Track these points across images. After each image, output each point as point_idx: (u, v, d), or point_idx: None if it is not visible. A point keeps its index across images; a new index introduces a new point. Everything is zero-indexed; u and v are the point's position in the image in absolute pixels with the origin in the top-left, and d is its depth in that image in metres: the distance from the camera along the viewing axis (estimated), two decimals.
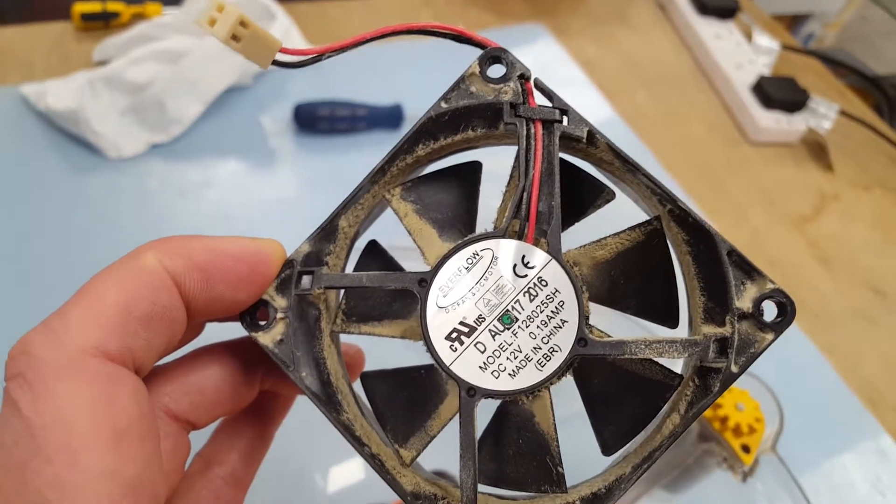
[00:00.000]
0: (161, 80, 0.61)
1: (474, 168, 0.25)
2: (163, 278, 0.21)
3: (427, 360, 0.23)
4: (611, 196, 0.24)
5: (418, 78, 0.76)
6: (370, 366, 0.26)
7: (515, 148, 0.23)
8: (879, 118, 0.90)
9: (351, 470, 0.42)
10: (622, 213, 0.26)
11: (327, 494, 0.42)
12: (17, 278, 0.52)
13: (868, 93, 0.98)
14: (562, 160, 0.23)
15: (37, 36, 0.71)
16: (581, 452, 0.25)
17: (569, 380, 0.23)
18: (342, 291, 0.24)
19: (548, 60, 0.84)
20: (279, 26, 0.71)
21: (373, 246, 0.26)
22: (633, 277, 0.24)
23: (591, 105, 0.80)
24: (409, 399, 0.24)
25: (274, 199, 0.61)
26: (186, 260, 0.22)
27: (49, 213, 0.57)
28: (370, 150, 0.59)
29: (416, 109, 0.67)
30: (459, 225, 0.24)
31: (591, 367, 0.23)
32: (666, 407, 0.23)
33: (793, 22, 1.50)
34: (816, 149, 0.81)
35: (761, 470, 0.37)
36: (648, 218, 0.24)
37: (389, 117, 0.68)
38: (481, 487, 0.22)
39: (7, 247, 0.54)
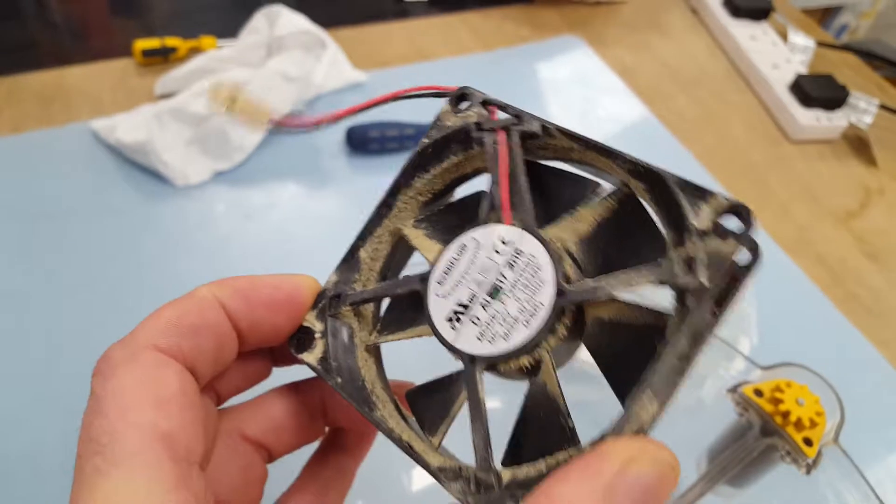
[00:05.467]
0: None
1: (477, 197, 0.28)
2: (211, 301, 0.26)
3: (460, 366, 0.25)
4: (597, 188, 0.26)
5: None
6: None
7: None
8: None
9: None
10: None
11: (411, 492, 0.45)
12: (100, 300, 0.55)
13: None
14: (542, 165, 0.27)
15: (102, 73, 0.75)
16: None
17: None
18: (380, 315, 0.28)
19: (586, 70, 0.86)
20: (329, 54, 0.74)
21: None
22: (622, 248, 0.25)
23: (630, 111, 0.82)
24: (440, 399, 0.26)
25: (332, 217, 0.64)
26: (232, 290, 0.27)
27: (124, 240, 0.60)
28: None
29: None
30: None
31: (596, 335, 0.25)
32: (661, 345, 0.23)
33: (825, 14, 1.50)
34: (858, 144, 0.82)
35: (825, 462, 0.38)
36: (616, 186, 0.25)
37: None
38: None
39: (86, 272, 0.57)
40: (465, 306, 0.25)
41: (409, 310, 0.28)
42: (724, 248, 0.22)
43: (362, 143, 0.69)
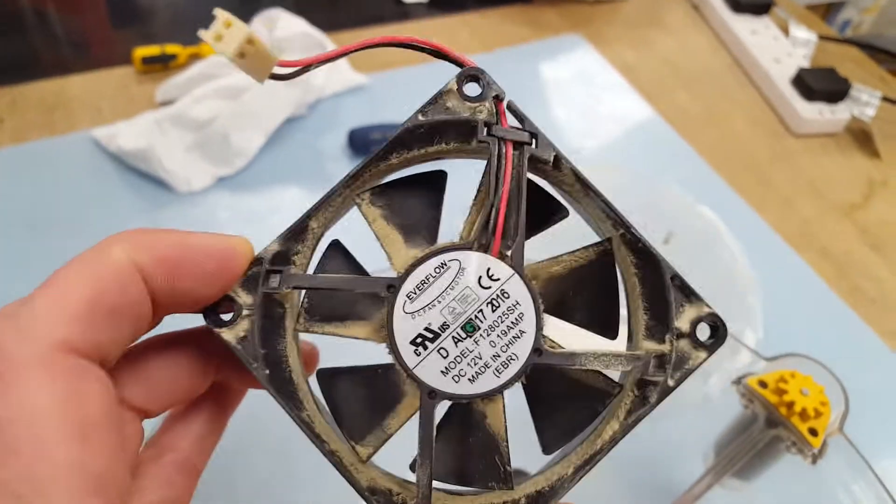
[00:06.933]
0: (224, 116, 0.65)
1: (440, 177, 0.26)
2: (130, 272, 0.21)
3: (382, 359, 0.24)
4: (565, 214, 0.26)
5: None
6: (326, 361, 0.27)
7: (481, 162, 0.25)
8: None
9: None
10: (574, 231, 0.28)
11: None
12: None
13: None
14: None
15: (102, 82, 0.75)
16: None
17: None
18: (303, 291, 0.25)
19: (587, 69, 0.86)
20: None
21: (335, 245, 0.26)
22: (581, 292, 0.25)
23: (632, 108, 0.82)
24: (366, 397, 0.25)
25: None
26: (154, 254, 0.22)
27: None
28: None
29: None
30: (424, 231, 0.25)
31: (539, 372, 0.24)
32: (605, 413, 0.25)
33: (828, 10, 1.49)
34: (861, 136, 0.81)
35: (830, 451, 0.38)
36: (601, 239, 0.26)
37: None
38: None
39: None
40: (435, 334, 0.24)
41: (349, 298, 0.25)
42: (693, 354, 0.25)
43: (364, 145, 0.69)
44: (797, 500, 0.45)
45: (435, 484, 0.24)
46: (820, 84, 0.81)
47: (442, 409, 0.25)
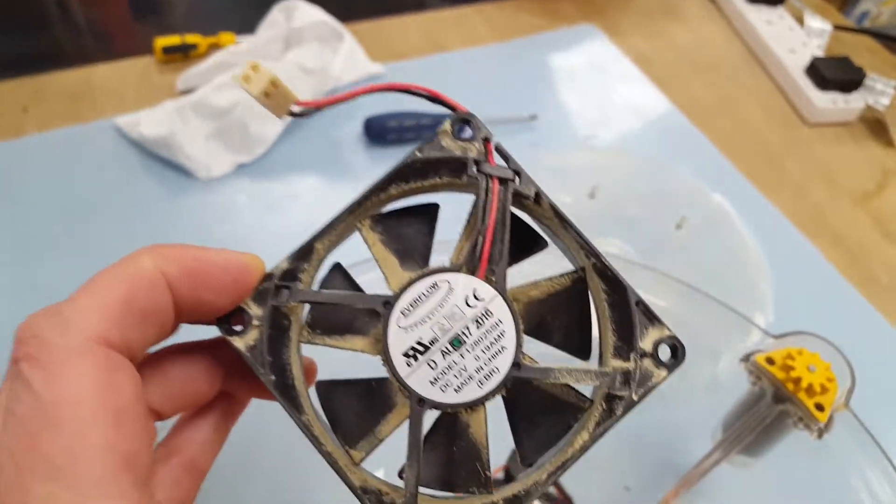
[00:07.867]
0: (243, 104, 0.66)
1: (433, 209, 0.28)
2: (159, 280, 0.24)
3: (376, 373, 0.26)
4: (545, 245, 0.28)
5: (474, 84, 0.80)
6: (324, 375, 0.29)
7: (471, 196, 0.27)
8: None
9: None
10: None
11: None
12: None
13: None
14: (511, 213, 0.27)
15: (124, 71, 0.77)
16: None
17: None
18: (307, 306, 0.27)
19: (601, 59, 0.87)
20: (346, 46, 0.75)
21: (337, 267, 0.29)
22: (557, 316, 0.28)
23: (647, 98, 0.82)
24: (360, 407, 0.27)
25: None
26: (179, 266, 0.24)
27: (150, 233, 0.62)
28: None
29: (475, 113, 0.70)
30: (417, 256, 0.28)
31: (518, 389, 0.26)
32: (577, 425, 0.27)
33: (846, 2, 1.48)
34: (876, 126, 0.81)
35: (836, 426, 0.39)
36: (575, 268, 0.28)
37: None
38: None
39: None
40: (425, 347, 0.26)
41: (348, 315, 0.28)
42: (655, 372, 0.27)
43: (380, 133, 0.70)
44: (804, 475, 0.46)
45: (421, 490, 0.26)
46: (833, 73, 0.82)
47: (429, 421, 0.27)
